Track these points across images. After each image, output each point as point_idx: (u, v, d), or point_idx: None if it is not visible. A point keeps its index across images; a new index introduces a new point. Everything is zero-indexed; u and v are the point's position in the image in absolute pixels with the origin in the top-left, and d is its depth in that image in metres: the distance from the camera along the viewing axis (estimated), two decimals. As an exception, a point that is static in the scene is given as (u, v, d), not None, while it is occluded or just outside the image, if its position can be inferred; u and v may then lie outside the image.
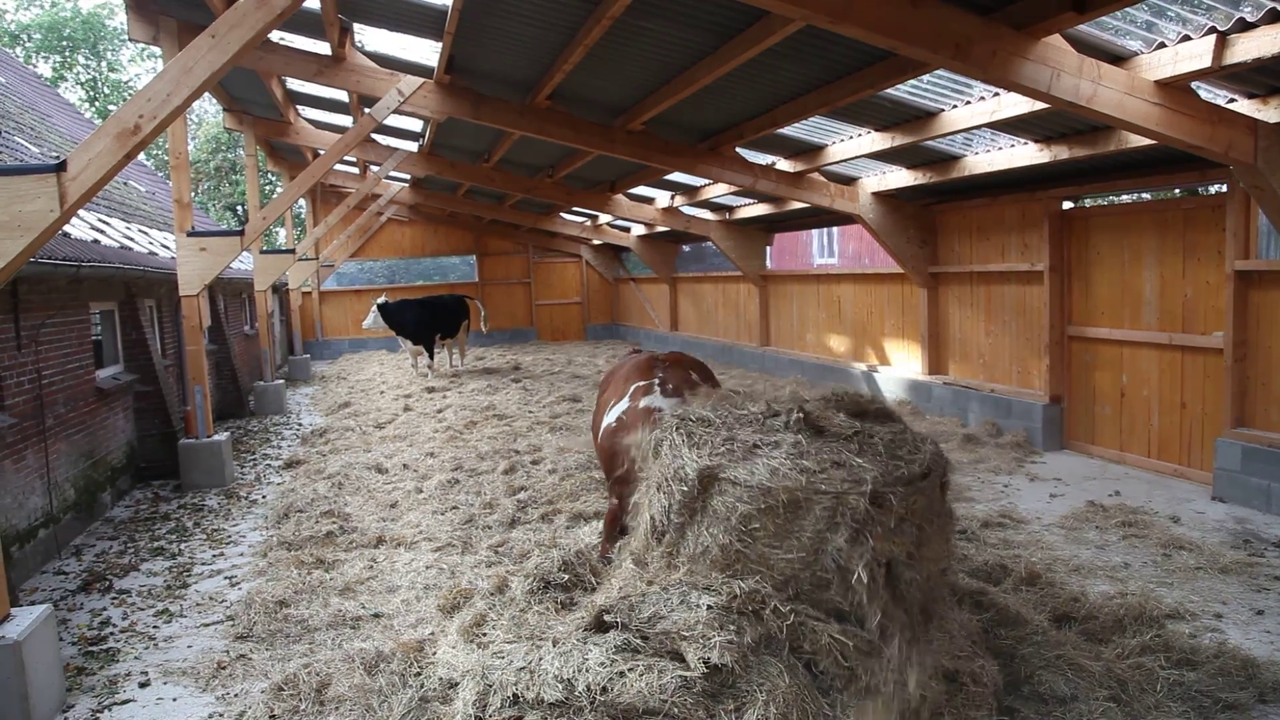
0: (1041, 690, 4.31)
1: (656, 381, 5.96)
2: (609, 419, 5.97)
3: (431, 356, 18.87)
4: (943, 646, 4.15)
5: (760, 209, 15.75)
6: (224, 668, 5.22)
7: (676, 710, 3.52)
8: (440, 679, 4.53)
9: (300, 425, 14.24)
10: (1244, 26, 5.74)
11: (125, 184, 15.61)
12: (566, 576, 5.47)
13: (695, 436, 4.52)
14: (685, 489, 4.23)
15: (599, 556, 5.74)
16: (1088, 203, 10.45)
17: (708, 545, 4.16)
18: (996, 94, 7.92)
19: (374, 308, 18.38)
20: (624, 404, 5.93)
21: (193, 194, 11.89)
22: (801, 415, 4.41)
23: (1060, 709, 4.19)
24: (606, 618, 4.09)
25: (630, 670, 3.66)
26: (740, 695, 3.62)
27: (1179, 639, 4.90)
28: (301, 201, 26.48)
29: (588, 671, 3.69)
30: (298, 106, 15.79)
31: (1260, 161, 6.54)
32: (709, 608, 3.85)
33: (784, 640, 3.75)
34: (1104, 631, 5.02)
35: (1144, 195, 10.47)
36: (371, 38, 10.80)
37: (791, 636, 3.76)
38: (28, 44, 35.39)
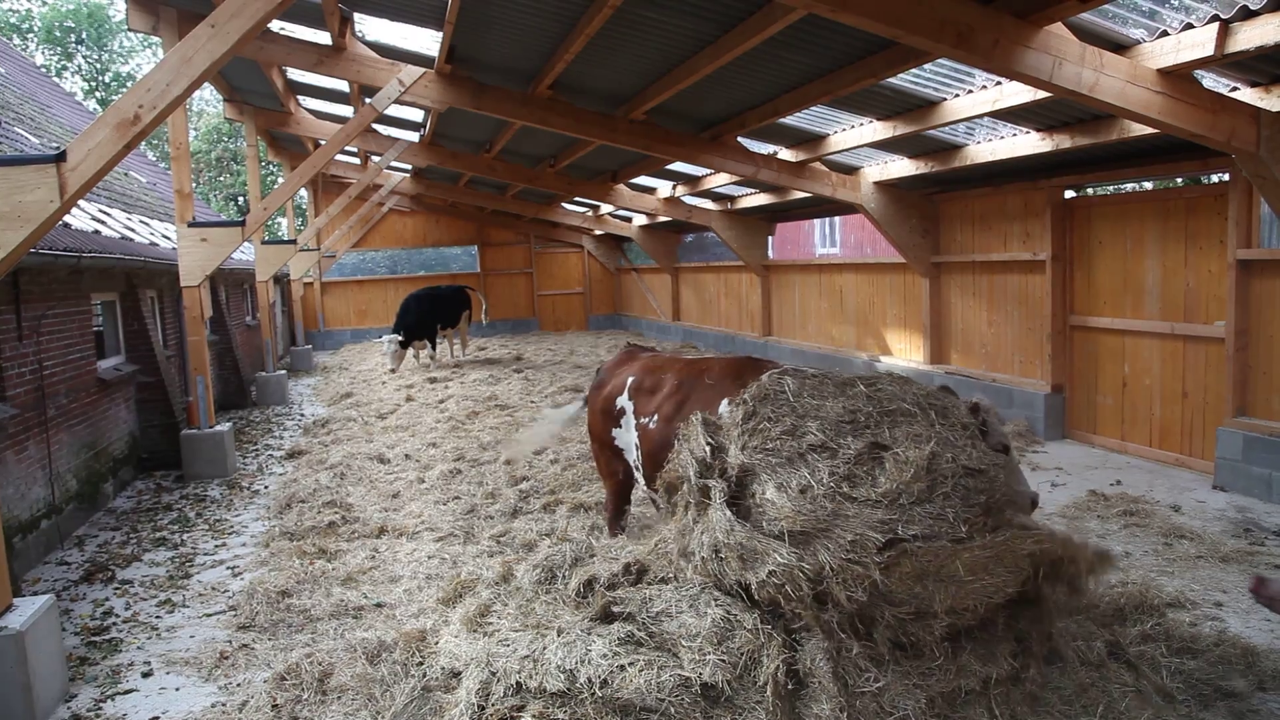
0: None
1: (784, 367, 5.29)
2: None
3: (434, 347, 18.83)
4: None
5: (762, 199, 15.71)
6: (226, 657, 5.24)
7: (673, 710, 3.52)
8: (443, 668, 4.54)
9: (302, 416, 14.26)
10: (1247, 14, 5.71)
11: (126, 175, 15.59)
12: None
13: (756, 416, 4.29)
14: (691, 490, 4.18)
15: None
16: (1090, 192, 10.40)
17: (692, 550, 4.15)
18: (998, 83, 7.88)
19: (388, 348, 17.72)
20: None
21: (194, 185, 11.88)
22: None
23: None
24: (615, 608, 4.09)
25: (631, 665, 3.65)
26: (736, 708, 3.61)
27: (1180, 627, 4.90)
28: (303, 192, 26.47)
29: (590, 663, 3.69)
30: (298, 96, 15.76)
31: (1263, 150, 6.51)
32: (713, 621, 3.82)
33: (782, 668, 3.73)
34: (1106, 620, 5.03)
35: (1146, 184, 10.44)
36: (372, 27, 10.76)
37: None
38: (29, 35, 35.28)
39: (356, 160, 21.91)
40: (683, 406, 5.37)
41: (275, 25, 10.50)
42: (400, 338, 17.77)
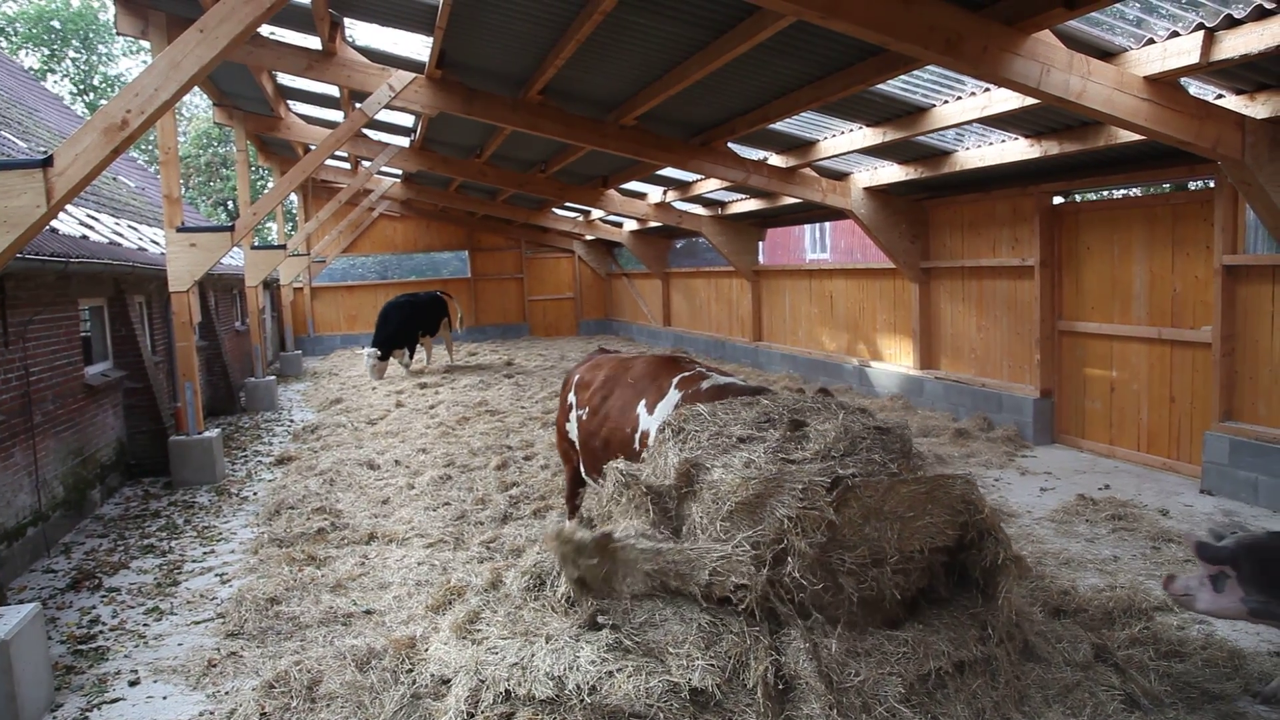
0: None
1: (700, 369, 5.57)
2: (653, 421, 5.37)
3: (411, 355, 18.78)
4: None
5: (752, 204, 15.75)
6: (214, 665, 5.21)
7: (663, 716, 3.53)
8: (432, 675, 4.53)
9: (292, 421, 14.20)
10: (1231, 23, 5.76)
11: (114, 179, 15.53)
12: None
13: (684, 432, 4.54)
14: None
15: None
16: (1078, 198, 10.46)
17: (636, 589, 4.26)
18: (987, 89, 7.92)
19: (369, 362, 17.67)
20: (672, 398, 5.37)
21: (183, 189, 11.84)
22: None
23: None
24: (600, 618, 4.10)
25: (619, 671, 3.66)
26: (727, 711, 3.61)
27: (1168, 631, 4.94)
28: (293, 197, 26.43)
29: (578, 670, 3.70)
30: (288, 101, 15.73)
31: (1248, 157, 6.57)
32: (699, 626, 3.84)
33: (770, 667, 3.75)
34: (1094, 624, 5.05)
35: (1134, 190, 10.51)
36: (362, 32, 10.75)
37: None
38: (13, 37, 35.12)
39: (347, 165, 21.88)
40: (606, 400, 5.88)
41: (265, 30, 10.48)
42: (379, 351, 17.70)
